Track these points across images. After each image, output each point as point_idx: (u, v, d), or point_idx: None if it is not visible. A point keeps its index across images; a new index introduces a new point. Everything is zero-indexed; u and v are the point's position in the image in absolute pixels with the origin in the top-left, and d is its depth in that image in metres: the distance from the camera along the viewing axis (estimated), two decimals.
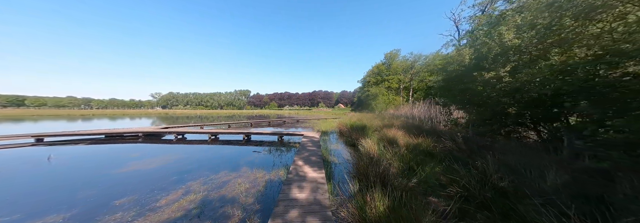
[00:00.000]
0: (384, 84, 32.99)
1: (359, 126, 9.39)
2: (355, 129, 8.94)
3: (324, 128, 13.25)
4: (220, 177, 4.02)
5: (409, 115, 15.01)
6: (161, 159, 5.51)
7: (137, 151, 6.68)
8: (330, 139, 9.08)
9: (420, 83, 31.09)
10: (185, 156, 6.00)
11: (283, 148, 7.06)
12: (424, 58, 29.99)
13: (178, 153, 6.32)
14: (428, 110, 13.65)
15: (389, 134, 6.79)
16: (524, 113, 4.45)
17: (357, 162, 4.03)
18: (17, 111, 45.99)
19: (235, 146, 7.94)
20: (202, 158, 5.64)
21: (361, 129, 8.66)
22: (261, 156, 5.97)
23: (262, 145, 7.99)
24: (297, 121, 21.67)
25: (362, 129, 8.64)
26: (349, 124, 10.72)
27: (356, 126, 9.58)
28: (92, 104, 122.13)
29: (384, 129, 8.20)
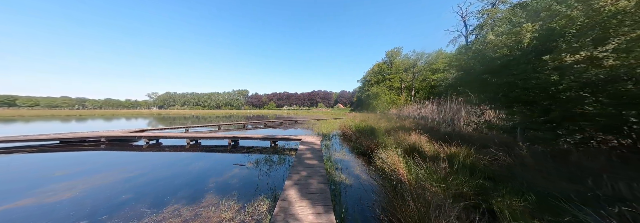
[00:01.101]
0: (385, 83, 31.55)
1: (366, 129, 7.85)
2: (363, 132, 7.40)
3: (324, 130, 11.68)
4: (161, 220, 2.43)
5: (418, 115, 13.51)
6: (99, 178, 3.90)
7: (79, 164, 5.05)
8: (334, 144, 7.51)
9: (422, 83, 29.72)
10: (142, 172, 4.40)
11: (275, 158, 5.48)
12: (426, 56, 28.62)
13: (134, 168, 4.71)
14: (438, 110, 12.18)
15: (408, 140, 5.25)
16: (620, 114, 2.93)
17: (387, 197, 2.48)
18: None
19: (217, 153, 6.35)
20: (159, 177, 4.04)
21: (369, 132, 7.12)
22: (243, 171, 4.39)
23: (250, 152, 6.42)
24: (295, 121, 20.08)
25: (370, 132, 7.10)
26: (353, 127, 9.17)
27: (363, 129, 8.04)
28: (86, 105, 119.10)
29: (398, 132, 6.66)
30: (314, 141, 6.42)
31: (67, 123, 18.35)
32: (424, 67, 29.28)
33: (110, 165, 4.93)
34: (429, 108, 13.52)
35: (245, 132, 11.96)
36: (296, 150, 5.63)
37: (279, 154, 6.10)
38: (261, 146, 7.20)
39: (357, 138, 7.07)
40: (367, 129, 7.73)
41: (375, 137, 6.27)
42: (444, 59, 27.11)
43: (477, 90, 5.50)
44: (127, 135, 7.48)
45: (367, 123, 11.51)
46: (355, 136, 7.54)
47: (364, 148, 5.76)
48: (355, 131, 8.30)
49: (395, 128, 8.50)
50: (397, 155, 3.86)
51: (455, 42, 18.86)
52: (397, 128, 8.43)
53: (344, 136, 9.40)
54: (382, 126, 9.45)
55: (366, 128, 8.26)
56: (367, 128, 8.20)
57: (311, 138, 7.04)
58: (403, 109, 21.05)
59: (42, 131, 10.11)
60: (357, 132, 7.93)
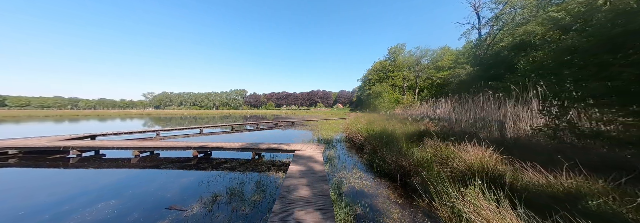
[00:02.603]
0: (387, 81, 29.56)
1: (382, 134, 5.75)
2: (377, 138, 5.32)
3: (325, 133, 9.58)
4: None
5: (433, 116, 11.49)
6: None
7: None
8: (340, 157, 5.40)
9: (425, 81, 27.79)
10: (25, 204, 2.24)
11: (250, 187, 3.36)
12: (431, 53, 26.69)
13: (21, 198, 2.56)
14: (461, 110, 10.18)
15: (467, 159, 3.17)
16: None
17: None
18: None
19: (172, 171, 4.24)
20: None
21: (388, 139, 5.03)
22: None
23: (221, 169, 4.32)
24: (292, 123, 17.93)
25: (389, 139, 5.02)
26: (363, 130, 7.10)
27: (376, 134, 5.96)
28: (79, 105, 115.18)
29: (427, 140, 4.60)
30: (312, 155, 4.32)
31: (20, 125, 15.90)
32: (428, 65, 27.37)
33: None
34: (444, 108, 11.53)
35: (224, 137, 9.81)
36: (287, 168, 3.53)
37: (261, 173, 3.99)
38: (240, 159, 5.07)
39: (374, 149, 4.97)
40: (383, 135, 5.64)
41: (399, 148, 4.18)
42: (450, 56, 25.26)
43: (580, 78, 3.40)
44: (52, 145, 5.26)
45: (377, 124, 9.44)
46: (369, 144, 5.45)
47: (392, 168, 3.66)
48: (367, 137, 6.22)
49: (417, 132, 6.45)
50: (487, 200, 1.77)
51: (469, 35, 16.94)
52: (421, 132, 6.37)
53: (351, 143, 7.30)
54: (398, 129, 7.39)
55: (380, 132, 6.18)
56: (381, 132, 6.12)
57: (309, 148, 4.93)
58: (409, 109, 19.08)
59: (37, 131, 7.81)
60: (370, 138, 5.85)
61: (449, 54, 25.24)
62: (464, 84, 14.92)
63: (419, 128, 6.95)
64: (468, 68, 14.68)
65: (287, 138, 8.93)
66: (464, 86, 14.63)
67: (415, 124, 9.30)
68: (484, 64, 14.30)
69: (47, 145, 5.21)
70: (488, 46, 15.06)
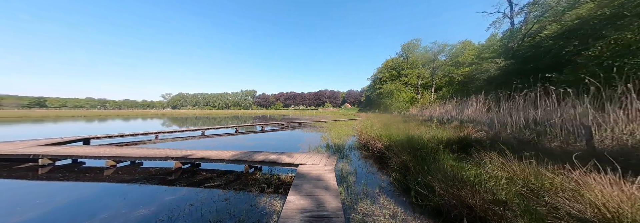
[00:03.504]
0: (400, 79, 27.61)
1: (411, 143, 4.41)
2: (407, 148, 4.01)
3: (335, 137, 8.36)
4: None
5: (464, 118, 9.80)
6: None
7: None
8: (359, 175, 4.14)
9: (443, 79, 25.52)
10: None
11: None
12: (449, 48, 24.42)
13: None
14: (490, 110, 8.47)
15: (596, 200, 1.81)
16: None
17: None
18: (9, 112, 44.14)
19: (149, 187, 3.30)
20: None
21: (423, 152, 3.70)
22: None
23: (205, 186, 3.31)
24: (299, 124, 16.87)
25: (424, 152, 3.68)
26: (382, 136, 5.78)
27: (402, 142, 4.63)
28: (107, 105, 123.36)
29: (484, 155, 3.21)
30: (321, 174, 3.12)
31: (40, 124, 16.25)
32: (445, 62, 25.11)
33: None
34: (475, 108, 9.81)
35: (222, 141, 8.90)
36: (287, 189, 2.38)
37: (251, 195, 2.88)
38: (230, 174, 4.00)
39: (404, 164, 3.65)
40: (412, 144, 4.30)
41: (445, 167, 2.86)
42: (472, 51, 22.94)
43: None
44: (21, 152, 4.52)
45: (395, 127, 8.04)
46: (395, 156, 4.13)
47: (448, 202, 2.32)
48: (389, 144, 4.91)
49: (455, 139, 5.02)
50: None
51: (499, 25, 14.83)
52: (460, 140, 4.94)
53: (367, 150, 6.00)
54: (425, 134, 5.98)
55: (406, 139, 4.83)
56: (407, 139, 4.77)
57: (316, 162, 3.74)
58: (427, 110, 17.27)
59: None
60: (394, 146, 4.54)
61: (470, 48, 22.90)
62: (495, 81, 12.94)
63: (457, 134, 5.49)
64: (500, 62, 12.70)
65: (292, 143, 7.82)
66: (496, 83, 12.68)
67: (444, 127, 7.78)
68: (520, 57, 12.27)
69: (16, 152, 4.48)
70: (524, 36, 12.96)
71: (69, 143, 6.62)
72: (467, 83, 18.59)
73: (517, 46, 13.57)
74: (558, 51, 9.47)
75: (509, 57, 12.93)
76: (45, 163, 4.48)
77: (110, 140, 8.02)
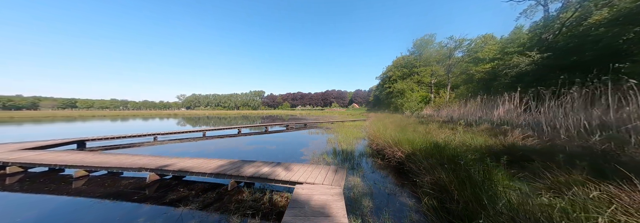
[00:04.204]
0: (412, 78, 25.95)
1: (443, 152, 3.37)
2: (439, 160, 2.99)
3: (343, 140, 7.40)
4: None
5: (493, 119, 8.43)
6: None
7: None
8: (374, 196, 3.17)
9: (459, 76, 23.59)
10: None
11: None
12: (468, 43, 22.47)
13: None
14: (529, 111, 7.08)
15: None
16: None
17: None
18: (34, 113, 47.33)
19: (112, 204, 2.59)
20: None
21: (466, 170, 2.67)
22: None
23: (176, 207, 2.48)
24: (304, 125, 16.06)
25: (467, 167, 2.65)
26: (404, 143, 4.74)
27: (430, 151, 3.60)
28: (128, 106, 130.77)
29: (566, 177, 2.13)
30: (325, 202, 2.20)
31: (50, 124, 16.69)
32: (462, 58, 23.16)
33: None
34: (507, 107, 8.42)
35: (220, 144, 8.25)
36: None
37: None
38: (212, 193, 3.20)
39: (438, 184, 2.64)
40: (444, 153, 3.26)
41: (510, 200, 1.84)
42: (493, 46, 20.91)
43: None
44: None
45: (412, 129, 6.93)
46: (424, 172, 3.11)
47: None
48: (411, 152, 3.88)
49: (498, 148, 3.89)
50: None
51: (532, 14, 13.07)
52: (506, 148, 3.81)
53: (383, 159, 4.97)
54: (454, 139, 4.86)
55: (434, 147, 3.78)
56: (439, 148, 3.72)
57: (319, 180, 2.84)
58: (444, 110, 15.77)
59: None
60: (420, 156, 3.52)
61: (492, 43, 20.88)
62: (527, 76, 11.32)
63: (497, 141, 4.32)
64: (534, 55, 11.07)
65: (294, 148, 6.97)
66: (528, 79, 11.07)
67: (473, 131, 6.56)
68: (559, 48, 10.59)
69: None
70: (562, 25, 11.22)
71: (59, 146, 6.23)
72: (490, 80, 16.78)
73: (553, 37, 11.82)
74: (611, 40, 7.85)
75: (544, 50, 11.26)
76: (14, 171, 3.95)
77: (106, 142, 7.63)
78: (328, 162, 4.86)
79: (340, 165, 4.51)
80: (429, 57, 25.52)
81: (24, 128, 14.43)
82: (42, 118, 25.95)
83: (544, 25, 11.92)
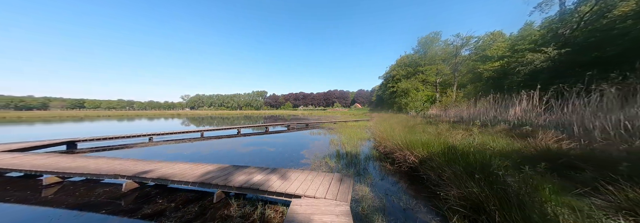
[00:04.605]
0: (417, 77, 25.22)
1: (468, 158, 2.83)
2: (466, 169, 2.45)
3: (348, 142, 6.88)
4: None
5: (509, 119, 7.78)
6: None
7: None
8: (390, 213, 2.64)
9: (466, 75, 22.80)
10: None
11: None
12: (475, 41, 21.68)
13: None
14: (547, 111, 6.44)
15: None
16: None
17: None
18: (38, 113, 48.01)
19: (80, 217, 2.04)
20: None
21: (501, 178, 2.13)
22: None
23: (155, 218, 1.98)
24: (306, 125, 15.59)
25: (498, 177, 2.12)
26: (418, 146, 4.20)
27: (452, 157, 3.06)
28: (134, 106, 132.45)
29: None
30: (331, 220, 1.69)
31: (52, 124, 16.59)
32: (469, 56, 22.38)
33: None
34: (525, 106, 7.77)
35: (215, 145, 7.82)
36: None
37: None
38: (198, 200, 2.73)
39: (474, 203, 2.11)
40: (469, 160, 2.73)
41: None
42: (503, 43, 20.14)
43: None
44: None
45: (423, 131, 6.37)
46: (448, 182, 2.57)
47: None
48: (426, 157, 3.35)
49: (532, 154, 3.33)
50: None
51: (548, 7, 12.32)
52: (540, 154, 3.25)
53: (392, 164, 4.44)
54: (471, 142, 4.30)
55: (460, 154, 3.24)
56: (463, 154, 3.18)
57: (322, 190, 2.33)
58: (451, 109, 15.09)
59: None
60: (439, 162, 2.99)
61: (501, 40, 20.08)
62: (542, 74, 10.61)
63: (527, 144, 3.74)
64: (551, 51, 10.36)
65: (295, 150, 6.48)
66: (543, 76, 10.37)
67: (489, 132, 5.97)
68: (578, 44, 9.88)
69: None
70: (581, 19, 10.48)
71: (48, 147, 5.88)
72: (500, 79, 16.02)
73: (570, 32, 11.07)
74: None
75: (560, 46, 10.54)
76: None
77: (98, 143, 7.27)
78: (331, 167, 4.35)
79: (345, 171, 4.00)
80: (434, 56, 24.77)
81: (21, 128, 14.31)
82: (50, 118, 26.13)
83: (561, 20, 11.18)
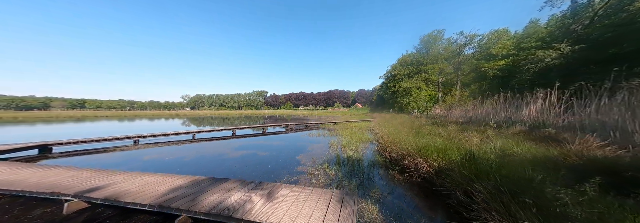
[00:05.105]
0: (419, 76, 24.57)
1: (511, 171, 2.20)
2: (512, 187, 1.82)
3: (348, 145, 6.24)
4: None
5: (523, 119, 7.13)
6: None
7: None
8: None
9: (469, 74, 22.18)
10: None
11: None
12: (479, 39, 21.03)
13: None
14: (568, 110, 5.81)
15: None
16: None
17: None
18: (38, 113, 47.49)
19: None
20: None
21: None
22: None
23: None
24: (305, 126, 14.97)
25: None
26: (435, 152, 3.58)
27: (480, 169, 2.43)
28: (135, 106, 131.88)
29: None
30: None
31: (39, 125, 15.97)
32: (472, 55, 21.73)
33: None
34: (541, 106, 7.14)
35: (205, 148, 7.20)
36: None
37: None
38: (164, 219, 2.11)
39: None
40: (510, 174, 2.11)
41: None
42: (508, 41, 19.52)
43: None
44: None
45: (429, 133, 5.74)
46: (481, 204, 1.95)
47: None
48: (444, 167, 2.75)
49: (585, 165, 2.70)
50: None
51: (560, 3, 11.66)
52: (585, 164, 2.61)
53: (401, 172, 3.81)
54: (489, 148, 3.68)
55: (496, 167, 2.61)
56: (504, 167, 2.55)
57: (316, 218, 1.70)
58: (456, 109, 14.45)
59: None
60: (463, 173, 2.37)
61: (506, 38, 19.43)
62: (552, 72, 9.98)
63: (571, 153, 3.10)
64: (564, 48, 9.72)
65: (290, 154, 5.86)
66: (554, 75, 9.73)
67: (504, 134, 5.35)
68: (593, 40, 9.25)
69: None
70: (595, 14, 9.84)
71: (16, 151, 5.27)
72: (506, 77, 15.39)
73: (582, 28, 10.42)
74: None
75: (573, 42, 9.91)
76: None
77: (76, 146, 6.65)
78: (330, 176, 3.73)
79: (347, 182, 3.37)
80: (436, 55, 24.13)
81: (6, 129, 13.71)
82: (47, 118, 25.55)
83: (573, 14, 10.54)
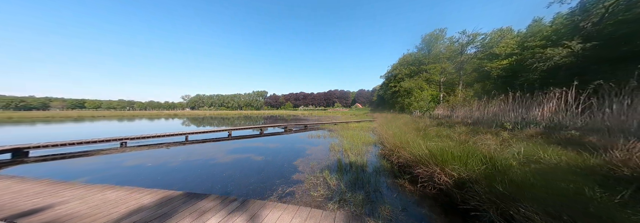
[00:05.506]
0: (421, 76, 24.11)
1: (556, 188, 1.72)
2: None
3: (350, 148, 5.75)
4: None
5: (536, 120, 6.66)
6: None
7: None
8: None
9: (471, 74, 21.74)
10: None
11: None
12: (482, 38, 20.61)
13: None
14: (587, 110, 5.35)
15: None
16: None
17: None
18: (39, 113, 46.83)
19: None
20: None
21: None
22: None
23: None
24: (305, 126, 14.48)
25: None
26: (453, 160, 3.09)
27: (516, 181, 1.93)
28: (134, 106, 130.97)
29: None
30: None
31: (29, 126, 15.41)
32: (475, 54, 21.31)
33: None
34: (554, 106, 6.68)
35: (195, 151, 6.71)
36: None
37: None
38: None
39: None
40: (556, 189, 1.63)
41: None
42: (512, 40, 19.11)
43: None
44: None
45: (434, 133, 5.26)
46: None
47: None
48: (464, 177, 2.27)
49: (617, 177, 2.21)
50: None
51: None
52: None
53: (412, 182, 3.33)
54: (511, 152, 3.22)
55: (541, 184, 2.13)
56: (556, 184, 2.07)
57: None
58: (460, 109, 13.97)
59: None
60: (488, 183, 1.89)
61: (510, 37, 19.01)
62: (561, 70, 9.54)
63: (620, 163, 2.61)
64: (575, 46, 9.27)
65: (287, 160, 5.37)
66: (564, 73, 9.30)
67: (519, 137, 4.88)
68: (604, 37, 8.82)
69: None
70: (606, 10, 9.39)
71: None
72: (511, 77, 14.92)
73: (592, 25, 9.98)
74: None
75: (587, 39, 9.47)
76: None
77: (56, 150, 6.13)
78: (331, 186, 3.25)
79: (351, 198, 2.88)
80: (438, 54, 23.68)
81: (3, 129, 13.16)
82: (43, 118, 24.98)
83: (583, 11, 10.11)
